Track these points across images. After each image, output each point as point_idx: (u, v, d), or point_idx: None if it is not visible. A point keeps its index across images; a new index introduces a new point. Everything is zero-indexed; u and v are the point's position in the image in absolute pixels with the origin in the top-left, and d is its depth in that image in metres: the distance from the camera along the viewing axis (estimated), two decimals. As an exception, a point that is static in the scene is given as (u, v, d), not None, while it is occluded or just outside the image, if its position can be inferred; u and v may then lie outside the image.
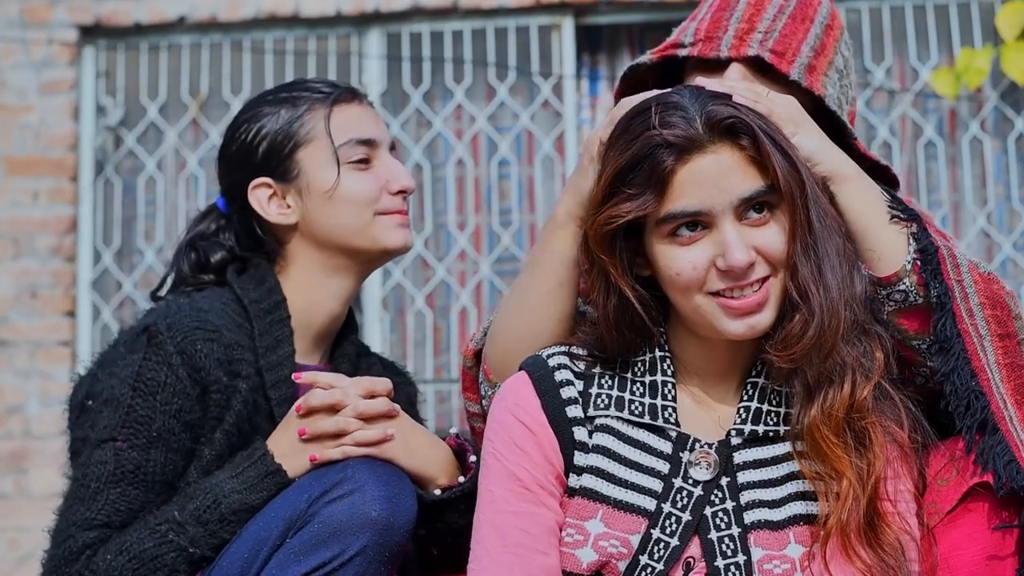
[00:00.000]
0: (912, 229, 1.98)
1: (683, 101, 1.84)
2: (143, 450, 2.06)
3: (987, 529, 1.85)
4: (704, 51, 2.14)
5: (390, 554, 1.99)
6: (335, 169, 2.25)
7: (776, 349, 1.83)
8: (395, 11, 5.38)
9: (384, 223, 2.28)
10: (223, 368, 2.12)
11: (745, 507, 1.86)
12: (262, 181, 2.27)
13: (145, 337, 2.11)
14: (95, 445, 2.07)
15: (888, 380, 1.89)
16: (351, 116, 2.30)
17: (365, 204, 2.26)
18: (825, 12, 2.21)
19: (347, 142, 2.26)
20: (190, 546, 2.02)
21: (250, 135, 2.28)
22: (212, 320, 2.15)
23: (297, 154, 2.26)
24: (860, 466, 1.82)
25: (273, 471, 2.06)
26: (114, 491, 2.05)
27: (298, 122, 2.27)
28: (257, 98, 2.36)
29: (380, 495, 1.98)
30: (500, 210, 5.47)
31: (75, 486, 2.07)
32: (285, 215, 2.28)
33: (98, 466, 2.06)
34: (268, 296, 2.24)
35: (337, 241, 2.27)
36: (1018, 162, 5.25)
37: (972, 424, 1.89)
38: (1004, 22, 5.07)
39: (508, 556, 1.84)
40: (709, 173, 1.80)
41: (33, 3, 5.42)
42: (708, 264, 1.82)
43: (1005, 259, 5.21)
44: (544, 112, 5.45)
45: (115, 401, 2.09)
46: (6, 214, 5.32)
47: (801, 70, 2.13)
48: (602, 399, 1.91)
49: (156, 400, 2.08)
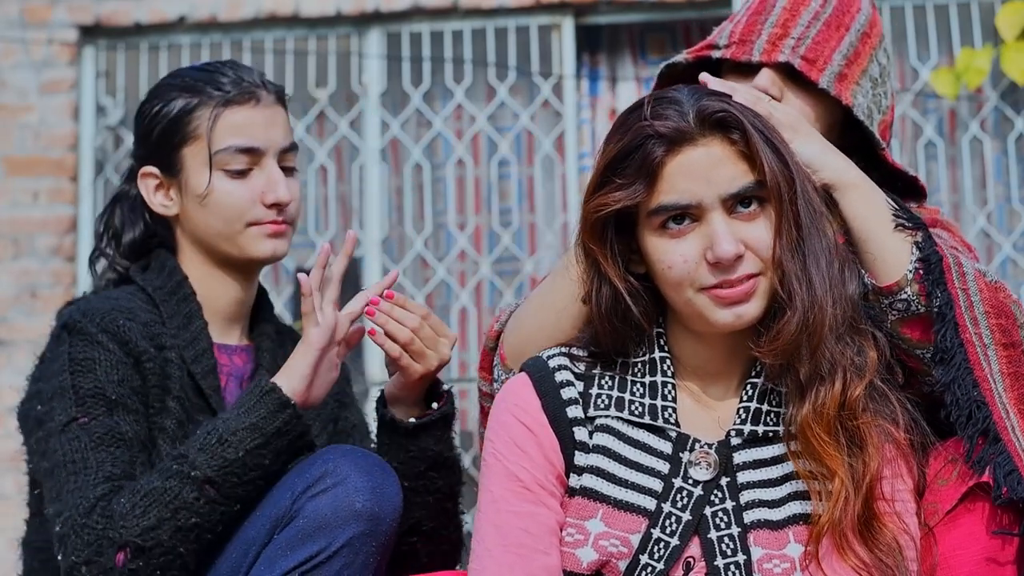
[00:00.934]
0: (917, 238, 1.97)
1: (679, 96, 1.86)
2: (107, 416, 2.08)
3: (987, 529, 1.85)
4: (737, 54, 2.15)
5: (377, 544, 2.00)
6: (208, 173, 2.24)
7: (763, 345, 1.84)
8: (395, 11, 5.38)
9: (253, 234, 2.26)
10: (148, 341, 2.14)
11: (745, 507, 1.86)
12: (150, 170, 2.28)
13: (65, 332, 2.14)
14: (59, 431, 2.08)
15: (885, 380, 1.90)
16: (239, 120, 2.25)
17: (235, 214, 2.25)
18: (863, 20, 2.20)
19: (225, 149, 2.24)
20: (192, 470, 2.00)
21: (150, 115, 2.28)
22: (124, 304, 2.18)
23: (182, 149, 2.25)
24: (854, 465, 1.83)
25: (268, 389, 2.07)
26: (100, 454, 2.05)
27: (188, 117, 2.25)
28: (174, 73, 2.35)
29: (363, 486, 1.99)
30: (500, 210, 5.47)
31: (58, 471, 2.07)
32: (166, 207, 2.29)
33: (72, 442, 2.06)
34: (169, 279, 2.25)
35: (208, 243, 2.28)
36: (1018, 162, 5.26)
37: (973, 434, 1.89)
38: (1004, 22, 5.08)
39: (509, 556, 1.84)
40: (699, 166, 1.81)
41: (33, 3, 5.42)
42: (699, 257, 1.82)
43: (1005, 259, 5.21)
44: (544, 112, 5.45)
45: (60, 390, 2.10)
46: (6, 214, 5.32)
47: (831, 78, 2.13)
48: (602, 399, 1.92)
49: (97, 375, 2.09)
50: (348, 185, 5.55)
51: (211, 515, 2.01)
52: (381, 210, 5.43)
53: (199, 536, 2.01)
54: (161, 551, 1.98)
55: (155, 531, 1.98)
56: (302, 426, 2.09)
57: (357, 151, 5.50)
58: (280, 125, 2.30)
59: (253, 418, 2.04)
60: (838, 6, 2.19)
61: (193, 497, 1.99)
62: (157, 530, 1.98)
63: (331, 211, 5.49)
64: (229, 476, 2.02)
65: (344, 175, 5.54)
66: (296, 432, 2.08)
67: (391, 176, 5.52)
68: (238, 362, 2.32)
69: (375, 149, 5.45)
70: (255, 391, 2.08)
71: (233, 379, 2.30)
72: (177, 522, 1.99)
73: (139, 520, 1.97)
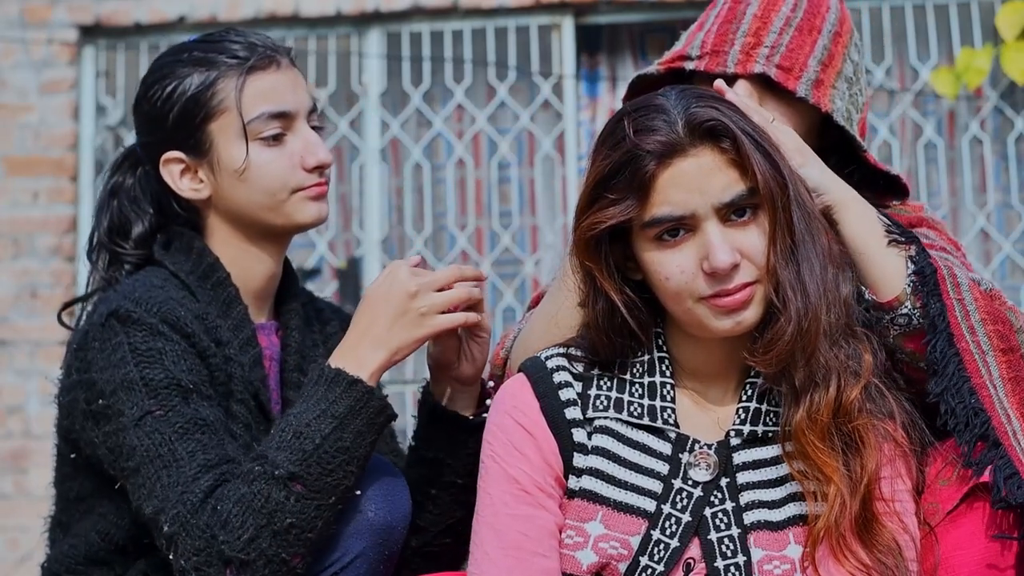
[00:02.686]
0: (911, 251, 1.97)
1: (666, 104, 1.83)
2: (183, 405, 1.96)
3: (988, 529, 1.85)
4: (710, 66, 2.13)
5: (389, 554, 1.98)
6: (244, 146, 2.11)
7: (756, 354, 1.83)
8: (395, 11, 5.39)
9: (297, 200, 2.15)
10: (207, 336, 2.04)
11: (745, 508, 1.86)
12: (174, 155, 2.14)
13: (116, 321, 2.00)
14: (134, 426, 1.95)
15: (884, 380, 1.90)
16: (265, 86, 2.12)
17: (278, 183, 2.13)
18: (833, 19, 2.19)
19: (258, 116, 2.11)
20: (275, 469, 1.89)
21: (162, 97, 2.13)
22: (170, 293, 2.07)
23: (208, 126, 2.12)
24: (851, 467, 1.82)
25: (332, 375, 1.96)
26: (187, 444, 1.93)
27: (209, 90, 2.11)
28: (174, 51, 2.20)
29: (375, 495, 1.97)
30: (500, 211, 5.47)
31: (145, 468, 1.93)
32: (197, 190, 2.15)
33: (152, 436, 1.94)
34: (200, 262, 2.14)
35: (250, 218, 2.15)
36: (1018, 162, 5.26)
37: (971, 439, 1.89)
38: (1004, 22, 5.08)
39: (508, 559, 1.84)
40: (690, 176, 1.80)
41: (33, 3, 5.42)
42: (695, 267, 1.81)
43: (1005, 259, 5.21)
44: (544, 112, 5.45)
45: (126, 383, 1.97)
46: (6, 214, 5.33)
47: (808, 86, 2.12)
48: (601, 401, 1.91)
49: (165, 364, 1.97)
50: (348, 185, 5.55)
51: (304, 512, 1.90)
52: (381, 210, 5.44)
53: (299, 537, 1.90)
54: (264, 561, 1.88)
55: (255, 542, 1.87)
56: (377, 402, 1.98)
57: (357, 151, 5.50)
58: (302, 86, 2.19)
59: (323, 405, 1.94)
60: (808, 9, 2.17)
61: (283, 496, 1.89)
62: (257, 540, 1.87)
63: (331, 211, 5.48)
64: (312, 468, 1.91)
65: (344, 175, 5.54)
66: (372, 409, 1.97)
67: (391, 176, 5.53)
68: (275, 341, 2.22)
69: (375, 149, 5.45)
70: (315, 377, 1.97)
71: (274, 362, 2.20)
72: (274, 527, 1.88)
73: (238, 532, 1.87)
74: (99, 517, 2.07)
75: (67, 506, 2.13)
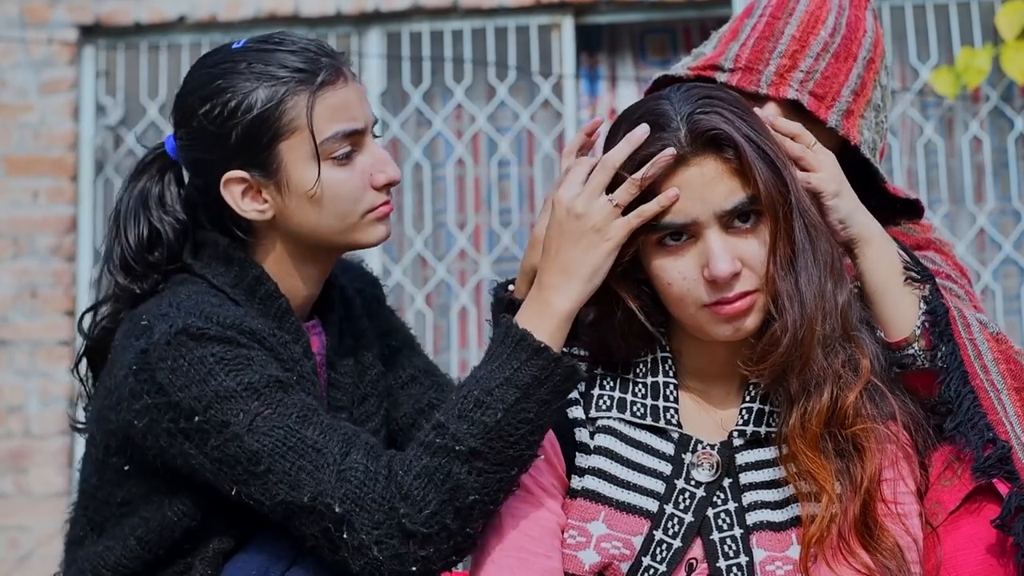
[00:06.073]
0: (925, 292, 1.97)
1: (668, 111, 1.83)
2: (287, 396, 1.87)
3: (990, 530, 1.85)
4: (743, 83, 2.13)
5: None
6: (316, 167, 1.99)
7: (751, 363, 1.83)
8: (395, 10, 5.39)
9: (367, 222, 2.05)
10: (282, 350, 1.96)
11: (747, 508, 1.86)
12: (236, 175, 2.01)
13: (186, 338, 1.89)
14: (247, 432, 1.84)
15: (885, 380, 1.90)
16: (336, 102, 2.01)
17: (350, 205, 2.03)
18: (868, 44, 2.18)
19: (331, 136, 2.00)
20: (456, 444, 1.78)
21: (225, 111, 1.99)
22: (230, 308, 1.97)
23: (277, 146, 1.99)
24: (851, 471, 1.82)
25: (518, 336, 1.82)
26: (310, 429, 1.85)
27: (278, 108, 1.98)
28: (223, 59, 2.04)
29: None
30: (500, 210, 5.47)
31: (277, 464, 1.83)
32: (262, 211, 2.03)
33: (271, 433, 1.84)
34: (243, 275, 2.04)
35: (315, 239, 2.06)
36: (1018, 162, 5.26)
37: (990, 463, 1.87)
38: (1004, 22, 5.08)
39: (510, 559, 1.84)
40: (693, 184, 1.80)
41: (33, 3, 5.42)
42: (697, 274, 1.82)
43: (1004, 259, 5.21)
44: (544, 112, 5.45)
45: (220, 394, 1.86)
46: (6, 214, 5.32)
47: (840, 116, 2.12)
48: (604, 400, 1.92)
49: (255, 368, 1.88)
50: (348, 185, 5.54)
51: (487, 487, 1.79)
52: (381, 210, 5.43)
53: (482, 511, 1.81)
54: (447, 535, 1.79)
55: (436, 516, 1.78)
56: (563, 369, 1.83)
57: (357, 151, 5.50)
58: (365, 98, 2.08)
59: (507, 371, 1.81)
60: (847, 35, 2.16)
61: (464, 472, 1.78)
62: (439, 515, 1.78)
63: (331, 211, 5.49)
64: (494, 442, 1.79)
65: (344, 175, 5.53)
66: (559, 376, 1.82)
67: (391, 176, 5.52)
68: (320, 341, 2.14)
69: (375, 149, 5.44)
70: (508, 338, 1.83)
71: (322, 367, 2.12)
72: (456, 503, 1.78)
73: (420, 506, 1.78)
74: (141, 521, 1.99)
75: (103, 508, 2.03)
